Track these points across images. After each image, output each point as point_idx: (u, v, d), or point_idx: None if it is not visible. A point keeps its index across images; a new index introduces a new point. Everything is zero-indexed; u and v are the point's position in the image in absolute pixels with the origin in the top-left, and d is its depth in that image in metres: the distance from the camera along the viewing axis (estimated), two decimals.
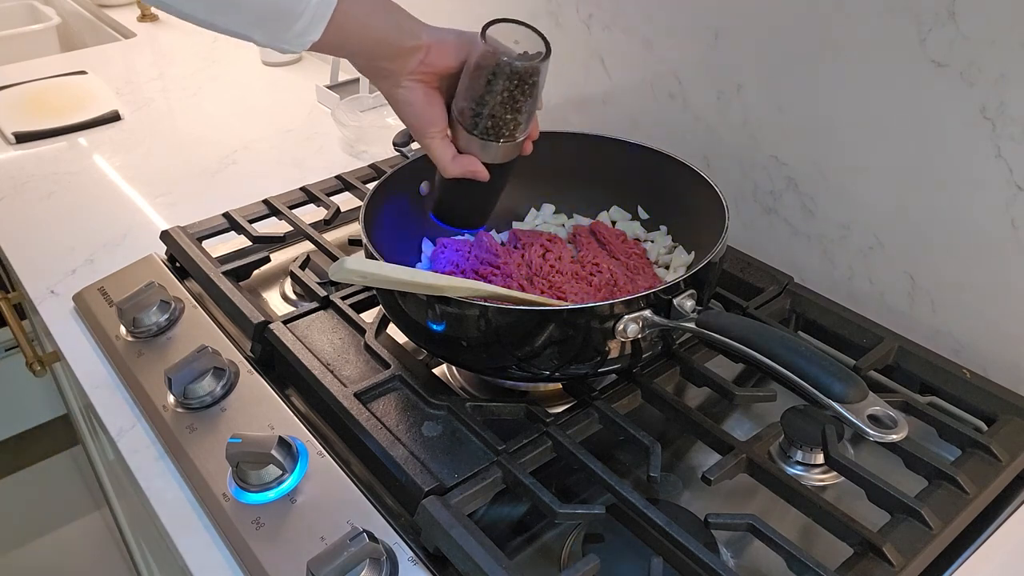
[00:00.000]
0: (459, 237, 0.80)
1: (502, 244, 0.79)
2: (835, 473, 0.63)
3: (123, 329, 0.77)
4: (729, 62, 0.81)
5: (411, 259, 0.78)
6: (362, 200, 0.73)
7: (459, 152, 0.64)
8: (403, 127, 0.89)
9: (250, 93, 1.37)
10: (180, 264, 0.86)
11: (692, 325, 0.59)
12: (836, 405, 0.50)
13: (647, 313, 0.59)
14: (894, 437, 0.49)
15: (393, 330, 0.75)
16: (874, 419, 0.50)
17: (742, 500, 0.63)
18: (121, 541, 1.60)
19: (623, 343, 0.60)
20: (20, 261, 0.93)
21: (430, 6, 1.17)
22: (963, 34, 0.63)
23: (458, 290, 0.59)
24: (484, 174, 0.64)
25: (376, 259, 0.63)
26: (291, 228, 0.90)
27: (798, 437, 0.64)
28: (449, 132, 0.64)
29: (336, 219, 0.93)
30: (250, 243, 0.89)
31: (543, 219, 0.83)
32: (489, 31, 0.61)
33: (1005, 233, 0.66)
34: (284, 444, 0.62)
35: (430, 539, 0.56)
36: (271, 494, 0.60)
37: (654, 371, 0.68)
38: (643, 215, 0.81)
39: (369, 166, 1.01)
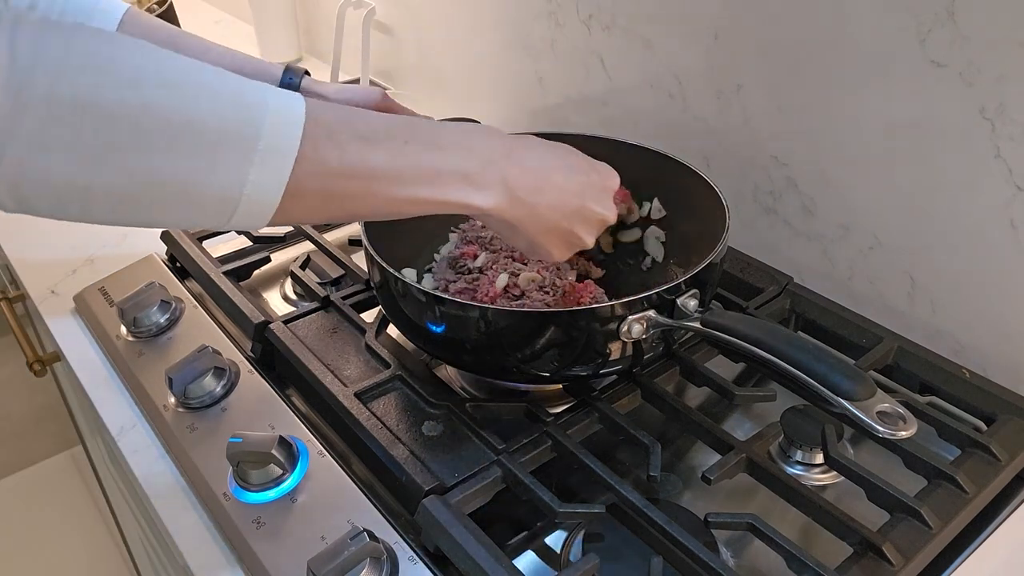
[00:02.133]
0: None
1: None
2: (835, 473, 0.63)
3: (123, 329, 0.77)
4: (729, 62, 0.82)
5: (410, 259, 0.79)
6: None
7: None
8: None
9: None
10: (180, 264, 0.87)
11: (697, 324, 0.59)
12: (845, 403, 0.50)
13: (651, 313, 0.59)
14: (904, 434, 0.49)
15: (393, 330, 0.75)
16: (883, 416, 0.50)
17: (742, 500, 0.63)
18: (121, 541, 1.60)
19: (626, 344, 0.60)
20: (21, 261, 0.93)
21: (432, 10, 1.17)
22: (963, 34, 0.63)
23: None
24: None
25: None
26: (291, 228, 0.90)
27: (798, 437, 0.64)
28: None
29: None
30: (250, 243, 0.89)
31: None
32: None
33: (1005, 233, 0.66)
34: (284, 444, 0.62)
35: (430, 538, 0.56)
36: (271, 493, 0.61)
37: (654, 371, 0.69)
38: (658, 211, 0.81)
39: None
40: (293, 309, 0.79)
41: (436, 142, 0.50)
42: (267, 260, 0.87)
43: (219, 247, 0.88)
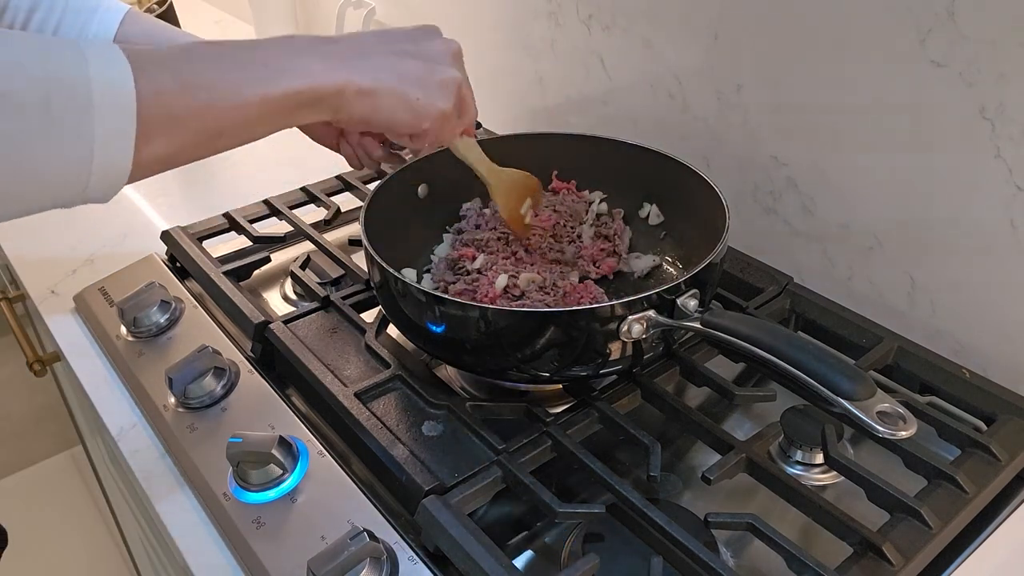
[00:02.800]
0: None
1: None
2: (835, 473, 0.63)
3: (123, 329, 0.77)
4: (729, 62, 0.82)
5: (410, 259, 0.79)
6: (362, 200, 0.73)
7: None
8: None
9: None
10: (180, 264, 0.87)
11: (697, 324, 0.59)
12: (845, 403, 0.50)
13: (651, 313, 0.59)
14: (904, 434, 0.49)
15: (393, 330, 0.75)
16: (883, 416, 0.50)
17: (742, 500, 0.63)
18: (121, 541, 1.60)
19: (626, 344, 0.60)
20: (21, 261, 0.93)
21: (432, 10, 1.17)
22: (963, 34, 0.63)
23: None
24: None
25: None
26: (291, 228, 0.90)
27: (798, 437, 0.64)
28: None
29: (336, 219, 0.93)
30: (250, 243, 0.89)
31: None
32: None
33: (1005, 233, 0.66)
34: (284, 444, 0.62)
35: (430, 538, 0.56)
36: (271, 493, 0.61)
37: (654, 371, 0.69)
38: (656, 216, 0.81)
39: None
40: (293, 309, 0.79)
41: (253, 49, 0.51)
42: (267, 260, 0.87)
43: (219, 247, 0.88)
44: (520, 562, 0.58)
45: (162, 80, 0.45)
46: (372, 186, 0.80)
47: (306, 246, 0.88)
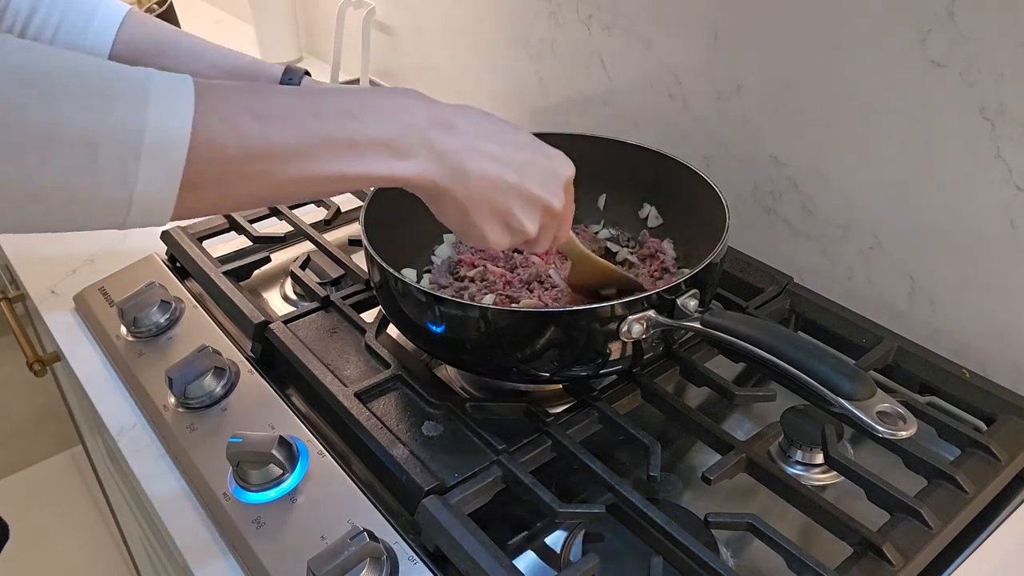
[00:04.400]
0: None
1: None
2: (835, 473, 0.63)
3: (123, 329, 0.77)
4: (729, 62, 0.82)
5: (410, 260, 0.79)
6: (362, 200, 0.73)
7: None
8: None
9: None
10: (181, 264, 0.87)
11: (697, 324, 0.59)
12: (845, 403, 0.50)
13: (651, 313, 0.59)
14: (904, 434, 0.49)
15: (393, 330, 0.75)
16: (883, 416, 0.50)
17: (742, 500, 0.63)
18: (121, 541, 1.60)
19: (626, 344, 0.60)
20: (21, 261, 0.93)
21: (432, 10, 1.17)
22: (963, 34, 0.63)
23: None
24: None
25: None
26: (291, 228, 0.90)
27: (798, 437, 0.64)
28: None
29: (336, 219, 0.93)
30: (250, 243, 0.89)
31: None
32: None
33: (1005, 233, 0.66)
34: (284, 444, 0.62)
35: (430, 538, 0.56)
36: (271, 493, 0.61)
37: (654, 371, 0.69)
38: (655, 218, 0.81)
39: None
40: (293, 309, 0.79)
41: (348, 110, 0.45)
42: (267, 260, 0.87)
43: (219, 247, 0.88)
44: (520, 562, 0.58)
45: (223, 139, 0.41)
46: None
47: (306, 246, 0.88)
